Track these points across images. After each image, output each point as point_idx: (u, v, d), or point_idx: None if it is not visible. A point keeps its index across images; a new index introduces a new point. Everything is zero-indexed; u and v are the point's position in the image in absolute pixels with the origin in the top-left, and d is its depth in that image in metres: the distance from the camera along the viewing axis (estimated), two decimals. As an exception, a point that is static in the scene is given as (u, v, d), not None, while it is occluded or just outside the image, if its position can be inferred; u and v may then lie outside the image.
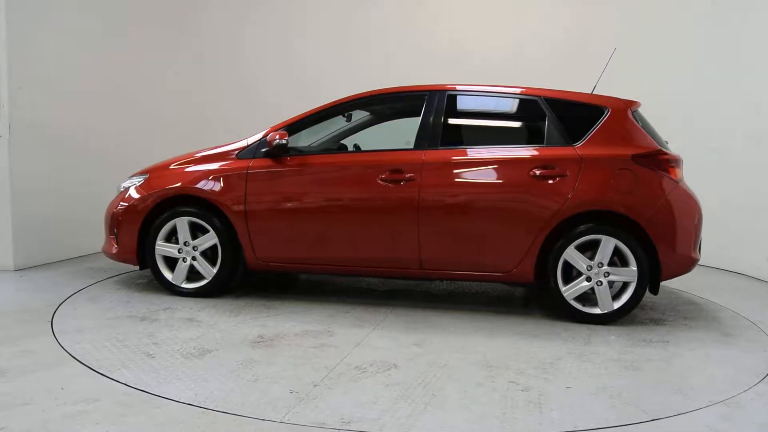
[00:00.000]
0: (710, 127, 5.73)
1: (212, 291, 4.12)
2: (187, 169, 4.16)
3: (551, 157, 3.86)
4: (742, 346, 3.49)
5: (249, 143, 4.13)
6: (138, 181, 4.24)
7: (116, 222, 4.19)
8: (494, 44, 6.56)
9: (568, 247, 3.79)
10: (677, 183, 3.83)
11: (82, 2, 5.49)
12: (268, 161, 4.05)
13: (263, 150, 4.05)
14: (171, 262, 4.16)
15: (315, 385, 2.66)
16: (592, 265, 3.77)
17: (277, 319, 3.66)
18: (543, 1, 6.55)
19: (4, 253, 4.82)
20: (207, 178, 4.08)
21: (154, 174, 4.22)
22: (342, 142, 4.46)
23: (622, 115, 3.97)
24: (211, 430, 2.19)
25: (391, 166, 3.92)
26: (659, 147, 3.88)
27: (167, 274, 4.14)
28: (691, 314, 4.17)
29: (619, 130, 3.94)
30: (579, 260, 3.78)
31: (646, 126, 4.06)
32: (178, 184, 4.09)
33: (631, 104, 4.05)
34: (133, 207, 4.14)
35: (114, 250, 4.24)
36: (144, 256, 4.17)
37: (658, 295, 4.21)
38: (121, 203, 4.20)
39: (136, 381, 2.64)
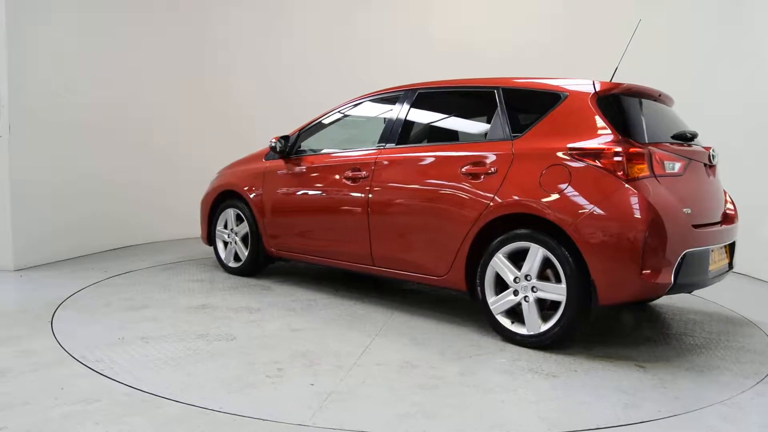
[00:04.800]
0: (710, 127, 4.81)
1: (247, 270, 4.94)
2: (236, 169, 5.10)
3: (482, 154, 3.50)
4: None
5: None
6: (214, 178, 5.37)
7: (200, 212, 5.41)
8: (496, 39, 6.72)
9: (496, 255, 3.38)
10: (623, 183, 3.02)
11: (83, 2, 5.46)
12: (280, 162, 4.68)
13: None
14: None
15: (143, 339, 3.26)
16: (520, 277, 3.29)
17: (243, 297, 4.24)
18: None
19: (4, 253, 4.81)
20: (243, 178, 4.94)
21: (220, 172, 5.29)
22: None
23: (578, 102, 3.32)
24: (210, 430, 2.20)
25: (353, 166, 4.12)
26: (619, 138, 3.12)
27: (222, 254, 5.15)
28: (678, 347, 3.21)
29: (570, 120, 3.32)
30: (507, 270, 3.34)
31: (626, 112, 3.30)
32: (227, 182, 5.06)
33: (608, 88, 3.33)
34: (205, 200, 5.29)
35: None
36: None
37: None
38: (203, 197, 5.39)
39: (58, 323, 3.67)
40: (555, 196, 3.16)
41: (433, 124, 4.09)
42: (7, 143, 4.74)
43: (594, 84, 3.34)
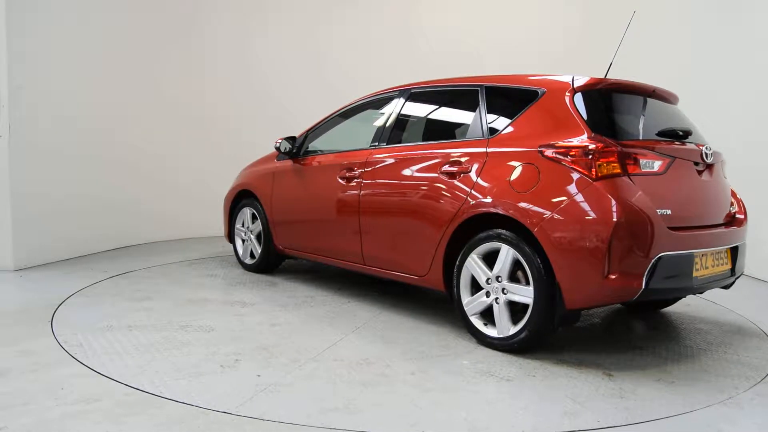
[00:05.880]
0: (710, 127, 4.51)
1: (261, 267, 5.11)
2: (252, 169, 5.28)
3: (459, 153, 3.46)
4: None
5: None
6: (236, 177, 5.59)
7: (223, 210, 5.64)
8: (494, 38, 6.94)
9: (470, 255, 3.33)
10: (591, 182, 2.90)
11: (83, 2, 5.50)
12: (288, 162, 4.81)
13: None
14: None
15: (129, 327, 3.46)
16: (492, 278, 3.23)
17: (244, 292, 4.38)
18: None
19: (4, 253, 4.81)
20: (257, 177, 5.11)
21: (241, 172, 5.50)
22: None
23: (555, 98, 3.22)
24: (210, 430, 2.20)
25: (347, 166, 4.18)
26: (591, 135, 3.00)
27: (240, 250, 5.35)
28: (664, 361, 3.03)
29: (545, 117, 3.23)
30: (480, 271, 3.29)
31: (605, 109, 3.17)
32: (243, 182, 5.26)
33: (587, 84, 3.21)
34: (226, 199, 5.51)
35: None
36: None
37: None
38: (225, 196, 5.62)
39: (65, 316, 3.96)
40: (523, 196, 3.07)
41: (420, 123, 4.07)
42: (7, 143, 4.75)
43: (573, 80, 3.22)
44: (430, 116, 4.03)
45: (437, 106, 3.98)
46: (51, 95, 5.18)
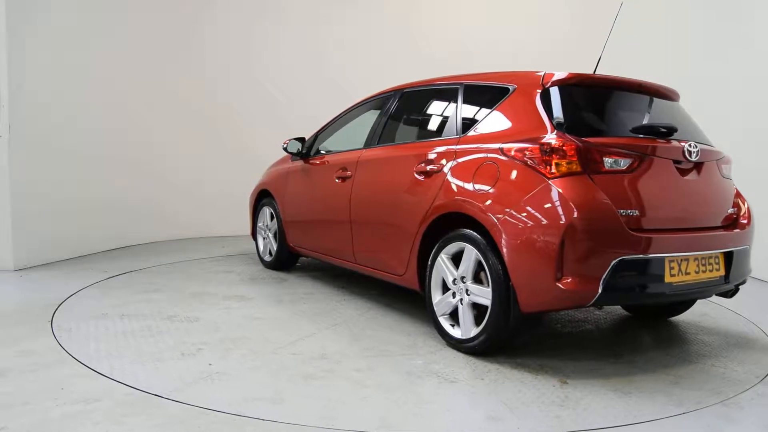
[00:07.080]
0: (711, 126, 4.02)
1: (278, 264, 5.27)
2: (272, 169, 5.47)
3: (433, 152, 3.44)
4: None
5: (298, 147, 5.10)
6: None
7: (249, 209, 5.86)
8: (495, 41, 6.92)
9: (440, 255, 3.31)
10: (546, 181, 2.79)
11: (83, 2, 5.50)
12: (299, 163, 4.95)
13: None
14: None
15: (122, 316, 3.70)
16: (457, 279, 3.19)
17: (248, 287, 4.53)
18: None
19: (4, 253, 4.80)
20: (273, 177, 5.29)
21: (265, 172, 5.69)
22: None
23: (523, 95, 3.13)
24: (210, 430, 2.20)
25: (343, 166, 4.24)
26: (552, 132, 2.89)
27: (260, 248, 5.55)
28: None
29: (512, 114, 3.15)
30: (447, 271, 3.26)
31: (575, 105, 3.05)
32: (263, 182, 5.46)
33: (557, 79, 3.09)
34: (250, 198, 5.73)
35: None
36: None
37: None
38: (250, 195, 5.84)
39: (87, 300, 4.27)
40: (483, 195, 3.01)
41: (408, 123, 4.06)
42: (7, 143, 4.74)
43: (543, 75, 3.11)
44: (416, 116, 4.02)
45: (424, 106, 3.96)
46: (51, 95, 5.18)
